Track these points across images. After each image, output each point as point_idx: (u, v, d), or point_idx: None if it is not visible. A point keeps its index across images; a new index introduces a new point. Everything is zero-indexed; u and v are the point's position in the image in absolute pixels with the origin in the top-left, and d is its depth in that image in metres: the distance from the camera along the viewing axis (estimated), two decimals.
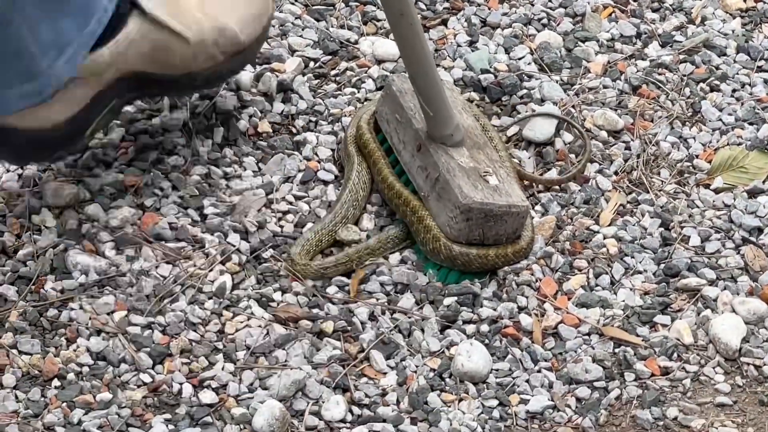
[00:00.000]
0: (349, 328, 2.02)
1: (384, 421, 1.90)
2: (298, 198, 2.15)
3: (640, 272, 2.07)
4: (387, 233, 2.08)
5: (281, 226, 2.12)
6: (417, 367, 1.97)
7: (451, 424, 1.89)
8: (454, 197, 2.03)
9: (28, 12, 1.92)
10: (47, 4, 1.93)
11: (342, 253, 2.07)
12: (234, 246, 2.06)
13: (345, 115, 2.23)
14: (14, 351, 1.97)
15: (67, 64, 1.99)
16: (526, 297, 2.04)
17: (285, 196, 2.15)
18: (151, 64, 2.03)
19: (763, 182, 2.19)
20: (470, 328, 2.00)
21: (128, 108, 2.18)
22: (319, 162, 2.19)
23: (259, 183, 2.16)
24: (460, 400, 1.93)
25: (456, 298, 2.03)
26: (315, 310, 2.02)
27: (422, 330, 2.00)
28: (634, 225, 2.12)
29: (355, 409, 1.93)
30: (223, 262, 2.04)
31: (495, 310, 2.01)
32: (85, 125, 2.05)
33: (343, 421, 1.90)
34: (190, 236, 2.07)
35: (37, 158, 2.09)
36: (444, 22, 2.36)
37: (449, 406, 1.92)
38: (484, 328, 1.99)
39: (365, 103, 2.25)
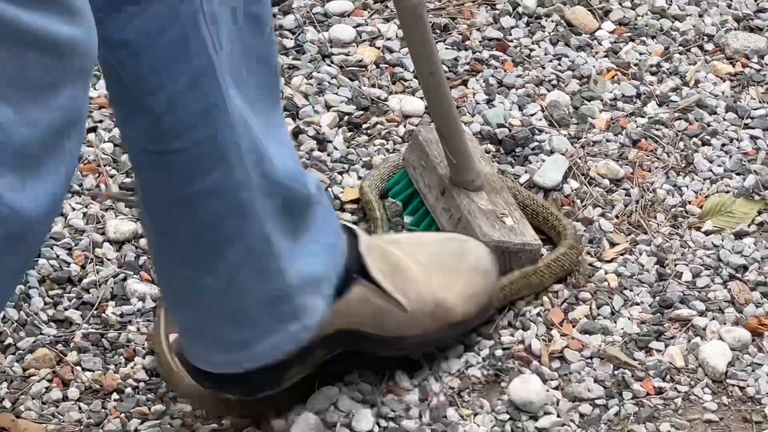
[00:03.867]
0: None
1: None
2: None
3: (637, 304, 2.07)
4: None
5: None
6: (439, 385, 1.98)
7: None
8: (475, 236, 2.04)
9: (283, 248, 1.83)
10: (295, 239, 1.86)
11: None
12: None
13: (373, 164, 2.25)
14: (78, 368, 1.98)
15: (324, 301, 1.89)
16: (536, 324, 2.05)
17: None
18: (368, 325, 1.94)
19: (749, 226, 2.18)
20: (485, 352, 2.02)
21: None
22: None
23: None
24: (476, 414, 1.94)
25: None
26: None
27: (442, 351, 2.02)
28: (632, 262, 2.11)
29: (382, 422, 1.94)
30: None
31: (512, 335, 2.03)
32: (288, 368, 1.93)
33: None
34: None
35: (248, 393, 1.94)
36: (465, 83, 2.36)
37: (466, 420, 1.94)
38: (499, 352, 2.01)
39: (384, 159, 2.25)
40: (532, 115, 2.33)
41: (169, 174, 1.73)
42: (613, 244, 2.16)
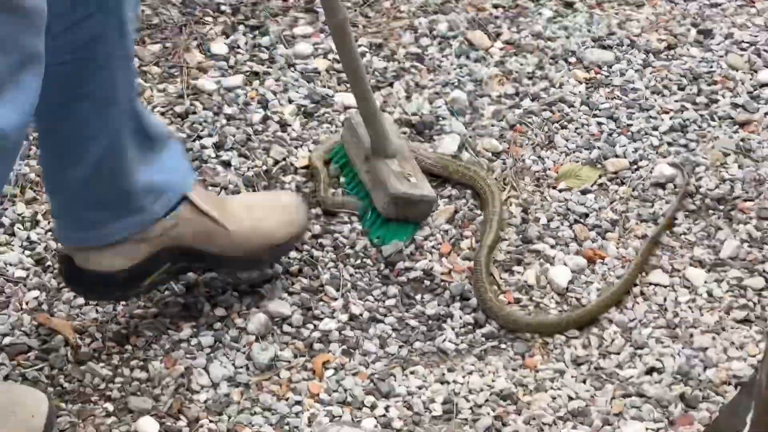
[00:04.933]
0: (312, 270, 2.07)
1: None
2: None
3: (506, 239, 2.12)
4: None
5: None
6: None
7: None
8: (388, 189, 2.09)
9: (132, 157, 1.83)
10: (146, 157, 1.85)
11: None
12: None
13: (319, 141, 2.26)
14: None
15: (160, 209, 1.88)
16: (431, 254, 2.10)
17: None
18: (198, 242, 1.92)
19: (591, 186, 2.22)
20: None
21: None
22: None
23: None
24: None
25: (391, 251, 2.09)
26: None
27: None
28: (505, 210, 2.14)
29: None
30: None
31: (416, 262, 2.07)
32: (143, 276, 1.91)
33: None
34: None
35: (101, 296, 1.96)
36: (391, 85, 2.39)
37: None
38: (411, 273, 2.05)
39: (328, 137, 2.26)
40: (438, 107, 2.36)
41: (57, 82, 1.69)
42: None
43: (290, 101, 2.37)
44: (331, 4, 2.00)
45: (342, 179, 2.21)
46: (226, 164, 2.24)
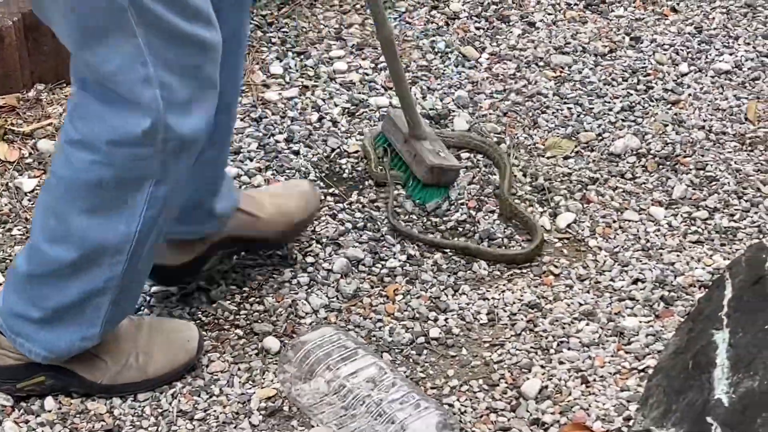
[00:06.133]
0: (374, 225, 2.03)
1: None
2: None
3: (516, 193, 2.12)
4: None
5: None
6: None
7: None
8: (424, 161, 2.08)
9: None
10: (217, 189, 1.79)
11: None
12: None
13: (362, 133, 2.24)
14: None
15: (221, 225, 1.81)
16: (461, 207, 2.07)
17: None
18: (245, 230, 1.86)
19: (570, 152, 2.21)
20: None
21: None
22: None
23: None
24: None
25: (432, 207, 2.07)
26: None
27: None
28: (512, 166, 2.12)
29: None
30: None
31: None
32: (201, 265, 1.86)
33: None
34: None
35: (171, 282, 1.87)
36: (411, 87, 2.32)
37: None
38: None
39: (370, 129, 2.24)
40: (447, 104, 2.35)
41: None
42: None
43: (336, 105, 2.36)
44: (381, 20, 1.99)
45: (386, 159, 2.20)
46: (296, 153, 2.23)
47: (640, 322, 1.87)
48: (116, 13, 1.43)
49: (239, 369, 1.79)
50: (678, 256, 2.00)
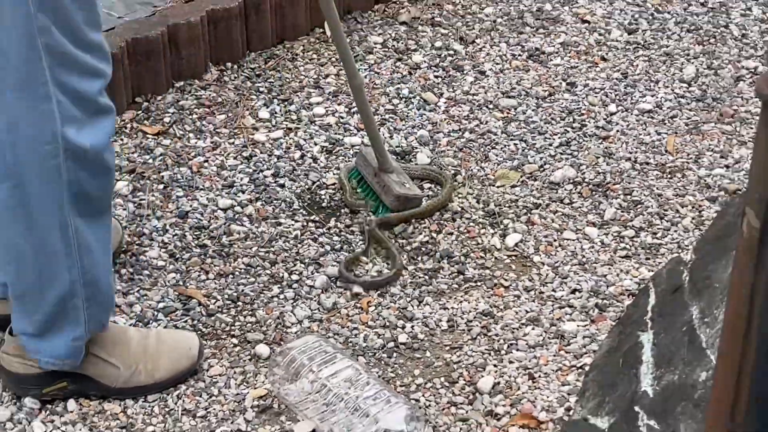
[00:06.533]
0: (349, 247, 2.03)
1: None
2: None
3: (469, 217, 2.15)
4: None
5: None
6: None
7: None
8: (392, 191, 2.12)
9: None
10: None
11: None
12: None
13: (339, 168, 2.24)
14: None
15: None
16: (423, 231, 2.09)
17: None
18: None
19: (517, 182, 2.22)
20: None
21: None
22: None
23: None
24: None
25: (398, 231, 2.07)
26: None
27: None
28: (465, 202, 2.16)
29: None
30: None
31: None
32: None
33: None
34: None
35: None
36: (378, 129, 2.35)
37: None
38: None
39: (345, 164, 2.24)
40: (411, 142, 2.35)
41: None
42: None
43: (315, 144, 2.34)
44: (351, 71, 2.04)
45: (359, 189, 2.23)
46: (282, 186, 2.25)
47: (578, 326, 1.90)
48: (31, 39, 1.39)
49: (235, 372, 1.81)
50: (609, 269, 2.02)
